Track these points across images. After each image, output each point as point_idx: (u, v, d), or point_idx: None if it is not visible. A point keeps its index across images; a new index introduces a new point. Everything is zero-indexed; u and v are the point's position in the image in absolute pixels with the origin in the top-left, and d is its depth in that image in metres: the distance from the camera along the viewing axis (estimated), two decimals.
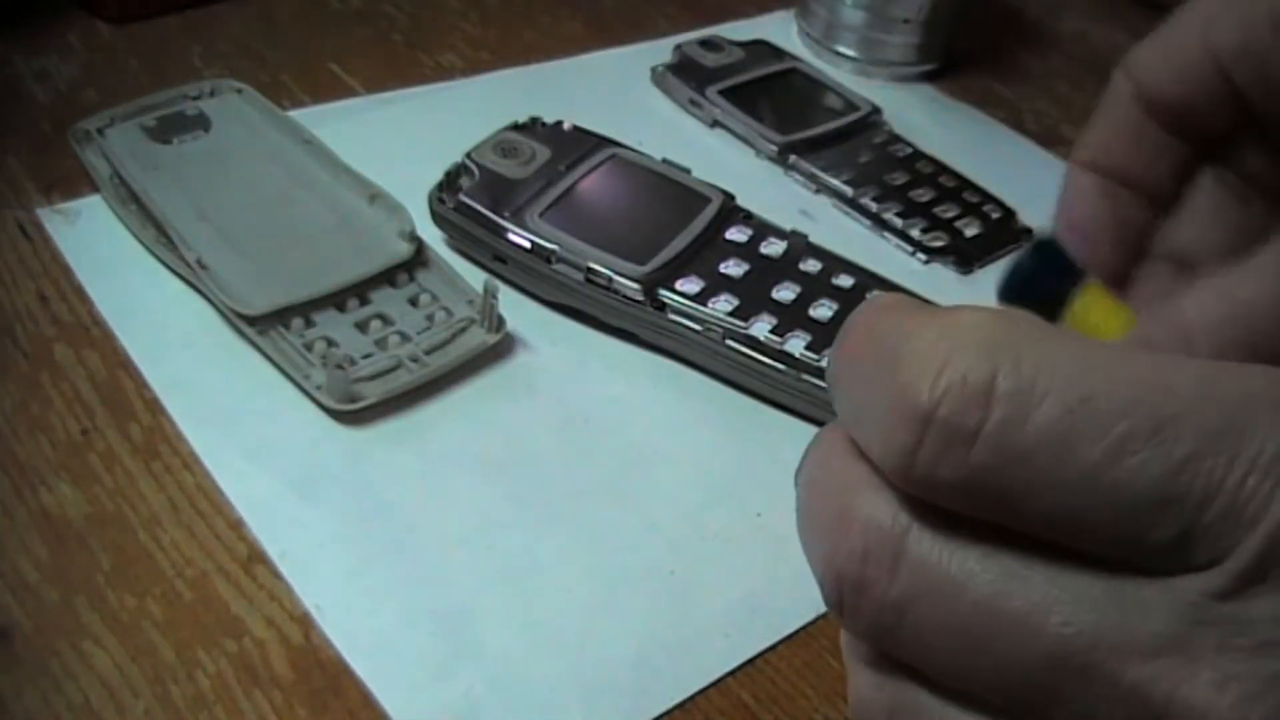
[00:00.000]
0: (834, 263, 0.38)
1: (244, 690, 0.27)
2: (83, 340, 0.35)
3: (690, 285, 0.36)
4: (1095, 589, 0.18)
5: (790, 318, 0.36)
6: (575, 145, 0.41)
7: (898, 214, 0.44)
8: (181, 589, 0.29)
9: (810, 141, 0.47)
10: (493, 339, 0.36)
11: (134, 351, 0.35)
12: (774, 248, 0.38)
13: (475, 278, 0.36)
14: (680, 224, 0.38)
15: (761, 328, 0.35)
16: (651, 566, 0.31)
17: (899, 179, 0.46)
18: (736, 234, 0.38)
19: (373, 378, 0.34)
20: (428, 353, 0.35)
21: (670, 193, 0.40)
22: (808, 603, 0.31)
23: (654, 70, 0.50)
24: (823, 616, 0.31)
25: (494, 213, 0.37)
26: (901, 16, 0.53)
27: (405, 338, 0.35)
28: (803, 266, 0.38)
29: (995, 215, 0.46)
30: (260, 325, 0.34)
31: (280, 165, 0.40)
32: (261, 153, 0.40)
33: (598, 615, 0.30)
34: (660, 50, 0.51)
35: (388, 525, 0.31)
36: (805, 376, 0.35)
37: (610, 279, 0.36)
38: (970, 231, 0.45)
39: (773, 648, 0.30)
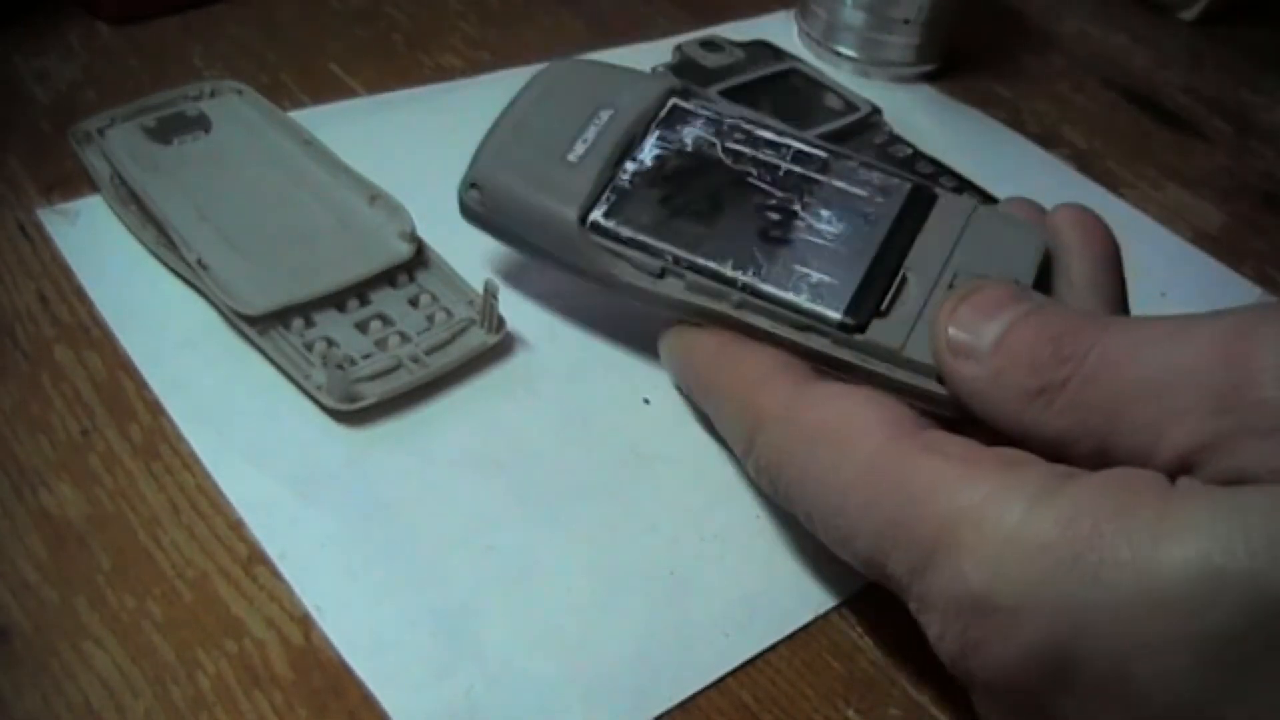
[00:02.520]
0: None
1: (244, 690, 0.27)
2: (83, 341, 0.35)
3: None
4: None
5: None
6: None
7: None
8: (181, 589, 0.29)
9: None
10: (493, 339, 0.36)
11: (134, 352, 0.35)
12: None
13: (476, 278, 0.36)
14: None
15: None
16: (651, 566, 0.31)
17: None
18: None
19: (373, 378, 0.34)
20: (428, 353, 0.35)
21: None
22: (808, 603, 0.31)
23: (654, 70, 0.50)
24: (822, 616, 0.31)
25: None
26: (901, 17, 0.53)
27: (405, 338, 0.35)
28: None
29: None
30: (260, 325, 0.34)
31: (280, 166, 0.40)
32: (262, 153, 0.40)
33: (598, 615, 0.30)
34: (660, 50, 0.51)
35: (388, 525, 0.31)
36: None
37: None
38: None
39: (773, 648, 0.30)
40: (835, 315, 0.30)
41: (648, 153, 0.34)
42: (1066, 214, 0.32)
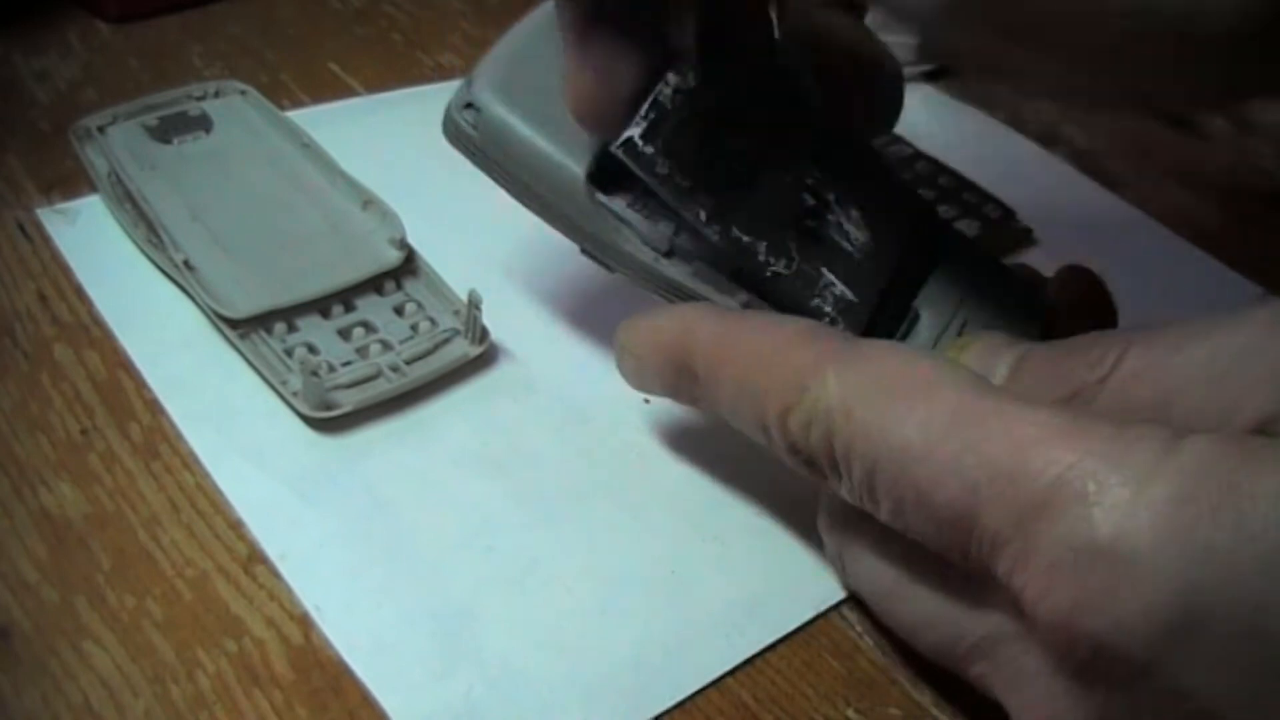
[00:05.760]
0: None
1: (244, 690, 0.27)
2: (83, 340, 0.35)
3: None
4: None
5: None
6: None
7: None
8: (181, 589, 0.29)
9: None
10: (475, 351, 0.35)
11: (133, 351, 0.35)
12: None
13: (465, 286, 0.36)
14: None
15: None
16: (651, 566, 0.31)
17: None
18: None
19: (350, 385, 0.34)
20: (409, 362, 0.35)
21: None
22: (807, 602, 0.31)
23: None
24: (822, 616, 0.31)
25: None
26: None
27: (387, 346, 0.35)
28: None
29: (995, 215, 0.46)
30: (242, 329, 0.34)
31: (278, 168, 0.40)
32: (260, 155, 0.40)
33: (597, 615, 0.30)
34: None
35: (387, 525, 0.31)
36: None
37: None
38: (970, 232, 0.45)
39: (772, 647, 0.30)
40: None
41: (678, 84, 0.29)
42: (1070, 277, 0.31)
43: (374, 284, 0.36)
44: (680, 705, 0.29)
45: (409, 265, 0.37)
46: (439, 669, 0.28)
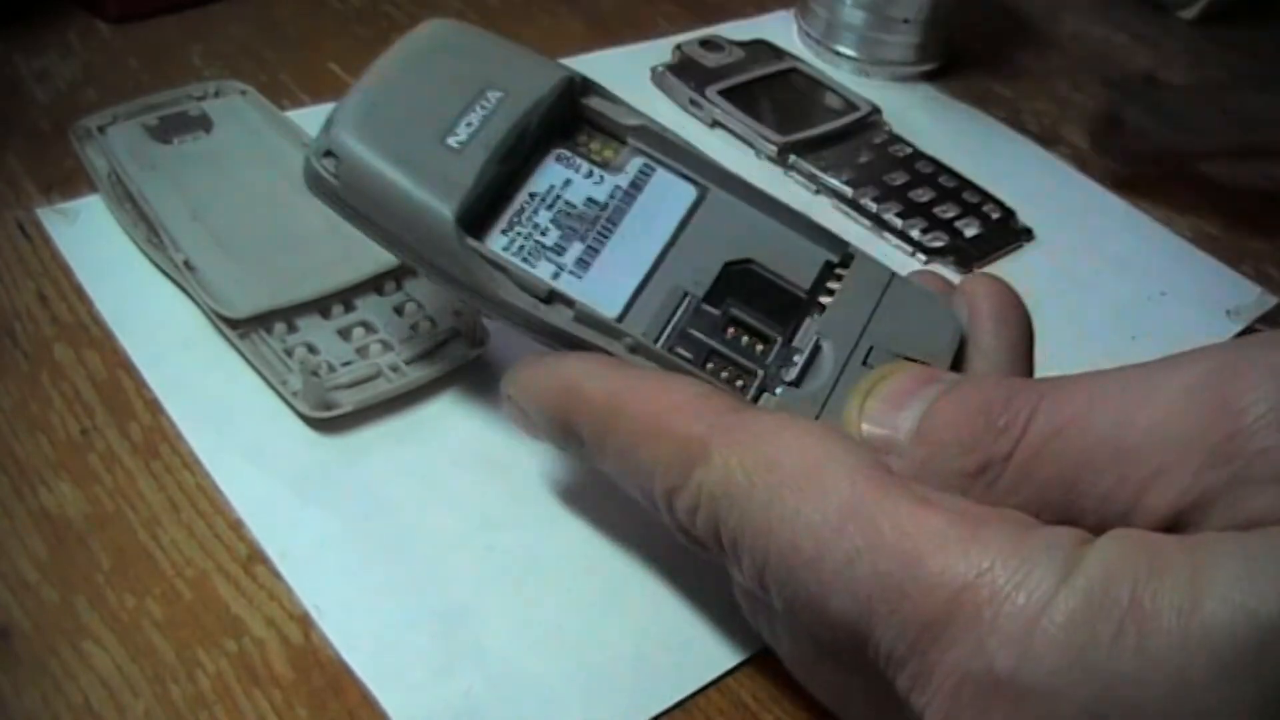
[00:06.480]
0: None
1: (244, 690, 0.27)
2: (83, 340, 0.35)
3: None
4: None
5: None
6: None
7: (897, 214, 0.45)
8: (181, 589, 0.29)
9: (810, 141, 0.47)
10: (474, 353, 0.35)
11: (133, 351, 0.35)
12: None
13: None
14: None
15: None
16: (651, 566, 0.31)
17: (898, 179, 0.46)
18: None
19: (350, 385, 0.34)
20: (408, 362, 0.35)
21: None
22: None
23: (654, 70, 0.50)
24: None
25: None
26: (901, 16, 0.53)
27: (387, 346, 0.35)
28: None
29: (995, 215, 0.46)
30: (242, 329, 0.34)
31: (278, 168, 0.40)
32: (260, 155, 0.40)
33: (597, 614, 0.30)
34: (660, 50, 0.51)
35: (387, 525, 0.31)
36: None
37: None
38: (970, 231, 0.45)
39: None
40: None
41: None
42: (984, 285, 0.30)
43: (374, 284, 0.36)
44: (680, 705, 0.29)
45: (408, 265, 0.37)
46: (439, 668, 0.28)
